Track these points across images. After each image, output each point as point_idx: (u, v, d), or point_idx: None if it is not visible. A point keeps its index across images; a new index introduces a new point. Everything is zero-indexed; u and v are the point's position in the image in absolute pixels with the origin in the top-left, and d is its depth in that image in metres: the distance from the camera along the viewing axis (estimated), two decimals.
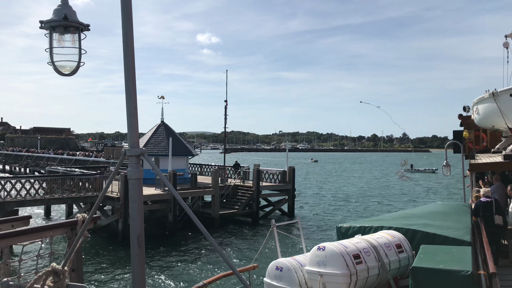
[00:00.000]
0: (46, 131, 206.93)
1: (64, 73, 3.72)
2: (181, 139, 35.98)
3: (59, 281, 3.25)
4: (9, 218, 4.94)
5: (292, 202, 35.62)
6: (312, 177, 76.77)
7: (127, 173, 3.08)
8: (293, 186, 35.62)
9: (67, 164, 55.34)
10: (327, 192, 52.66)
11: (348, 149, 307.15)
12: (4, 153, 78.94)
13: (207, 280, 7.25)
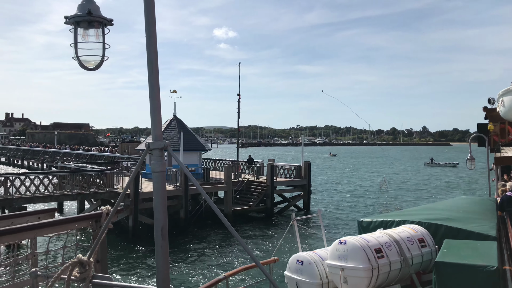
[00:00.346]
0: (66, 126, 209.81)
1: (88, 68, 3.78)
2: (193, 134, 35.26)
3: (85, 271, 3.30)
4: (35, 210, 5.10)
5: (308, 198, 34.62)
6: (329, 171, 75.47)
7: (151, 166, 3.07)
8: (308, 181, 34.59)
9: (82, 160, 55.39)
10: (344, 187, 51.47)
11: (367, 143, 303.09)
12: (22, 148, 79.74)
13: (228, 272, 7.26)
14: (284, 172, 35.61)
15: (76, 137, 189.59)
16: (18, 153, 77.85)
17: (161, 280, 2.99)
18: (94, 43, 3.74)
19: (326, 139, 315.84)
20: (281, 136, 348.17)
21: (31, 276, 3.54)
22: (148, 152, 3.12)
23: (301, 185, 34.54)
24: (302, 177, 34.50)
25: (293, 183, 34.73)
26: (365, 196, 44.34)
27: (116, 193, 27.05)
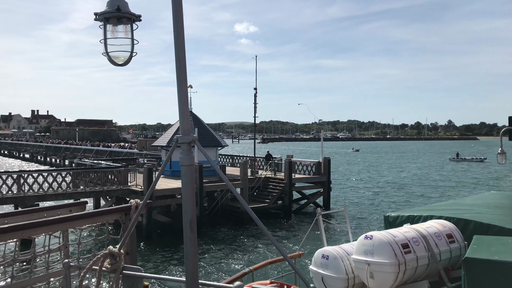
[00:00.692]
0: (89, 123, 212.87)
1: (117, 63, 3.83)
2: (209, 130, 34.47)
3: (116, 263, 3.34)
4: (67, 203, 5.22)
5: (328, 195, 33.49)
6: (352, 167, 73.86)
7: (179, 160, 3.10)
8: (328, 178, 33.46)
9: (102, 156, 55.42)
10: (366, 184, 50.00)
11: (390, 137, 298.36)
12: (44, 145, 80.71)
13: (253, 266, 7.27)
14: (303, 168, 34.58)
15: (99, 134, 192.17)
16: (40, 149, 78.78)
17: (190, 272, 3.01)
18: (123, 39, 3.79)
19: (349, 134, 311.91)
20: (303, 131, 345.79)
21: (64, 266, 3.61)
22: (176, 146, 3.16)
23: (321, 181, 33.44)
24: (322, 173, 33.40)
25: (312, 180, 33.66)
26: (388, 192, 42.99)
27: (130, 190, 26.54)
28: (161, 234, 25.33)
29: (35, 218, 4.57)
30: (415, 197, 40.17)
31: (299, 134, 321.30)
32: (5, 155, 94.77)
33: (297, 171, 34.30)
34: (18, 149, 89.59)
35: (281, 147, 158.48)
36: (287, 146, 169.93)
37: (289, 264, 3.21)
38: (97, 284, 3.42)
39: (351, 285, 7.68)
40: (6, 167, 67.43)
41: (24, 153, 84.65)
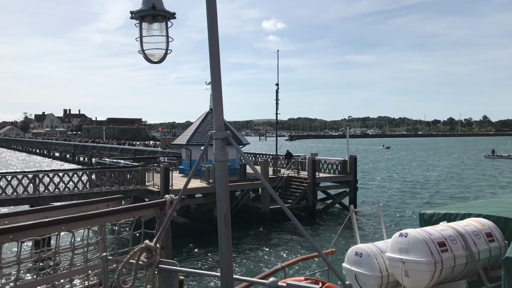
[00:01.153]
0: (120, 121, 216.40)
1: (153, 61, 3.89)
2: (230, 127, 33.42)
3: (152, 257, 3.38)
4: (104, 198, 5.35)
5: (354, 195, 31.95)
6: (382, 165, 71.53)
7: (213, 157, 3.10)
8: (355, 177, 31.91)
9: (127, 154, 55.38)
10: (397, 181, 47.93)
11: (422, 134, 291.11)
12: (73, 143, 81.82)
13: (286, 262, 7.12)
14: (328, 167, 33.13)
15: (129, 132, 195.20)
16: (69, 148, 79.89)
17: (224, 266, 3.00)
18: (158, 36, 3.84)
19: (379, 131, 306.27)
20: (332, 128, 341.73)
21: (101, 260, 3.71)
22: (210, 143, 3.17)
23: (347, 181, 31.94)
24: (348, 172, 31.89)
25: (337, 179, 32.21)
26: (420, 191, 41.04)
27: (147, 190, 25.81)
28: (177, 236, 24.48)
29: (74, 212, 4.71)
30: (448, 195, 38.37)
31: (328, 131, 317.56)
32: (36, 153, 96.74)
33: (321, 170, 32.92)
34: (48, 147, 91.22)
35: (308, 144, 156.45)
36: (314, 143, 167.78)
37: (324, 260, 3.15)
38: (133, 277, 3.46)
39: (385, 283, 7.55)
40: (32, 165, 68.55)
41: (54, 152, 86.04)
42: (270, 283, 2.81)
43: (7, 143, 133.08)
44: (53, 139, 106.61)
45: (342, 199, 32.36)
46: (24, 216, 4.61)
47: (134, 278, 3.49)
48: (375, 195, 38.07)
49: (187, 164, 32.31)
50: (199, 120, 33.65)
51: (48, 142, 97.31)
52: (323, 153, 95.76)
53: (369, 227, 25.40)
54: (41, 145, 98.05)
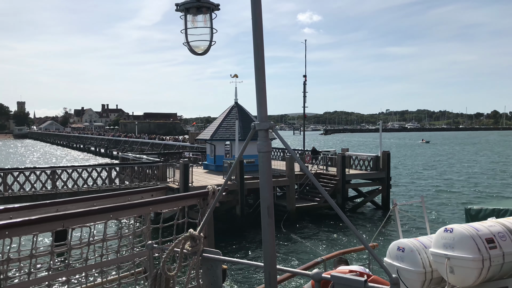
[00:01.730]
0: (155, 116, 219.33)
1: (197, 53, 3.96)
2: (255, 120, 32.07)
3: (196, 245, 3.43)
4: (149, 188, 5.72)
5: (387, 193, 30.02)
6: (420, 160, 68.41)
7: (257, 147, 3.09)
8: (388, 174, 29.96)
9: (157, 149, 55.13)
10: (436, 177, 45.29)
11: (463, 127, 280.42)
12: (106, 138, 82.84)
13: (326, 256, 7.03)
14: (359, 163, 31.30)
15: (164, 127, 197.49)
16: (103, 142, 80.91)
17: (268, 256, 2.98)
18: (202, 28, 3.90)
19: (418, 124, 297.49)
20: (369, 122, 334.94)
21: (147, 248, 3.76)
22: (253, 133, 3.13)
23: (379, 178, 30.06)
24: (380, 169, 29.97)
25: (369, 176, 30.37)
26: (461, 187, 38.54)
27: (167, 187, 24.89)
28: None
29: (120, 201, 4.82)
30: (493, 192, 35.87)
31: (365, 124, 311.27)
32: (73, 147, 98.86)
33: (352, 166, 31.16)
34: (83, 142, 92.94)
35: (342, 138, 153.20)
36: (349, 137, 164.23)
37: (371, 253, 3.08)
38: (178, 265, 3.48)
39: (429, 279, 7.33)
40: (65, 160, 69.69)
41: (89, 146, 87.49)
42: (313, 274, 2.80)
43: (46, 137, 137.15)
44: (89, 134, 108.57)
45: (374, 197, 30.51)
46: (74, 204, 4.78)
47: (179, 266, 3.50)
48: (410, 193, 35.89)
49: (211, 159, 31.27)
50: (223, 114, 32.52)
51: (84, 136, 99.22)
52: (357, 148, 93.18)
53: (410, 222, 24.05)
54: (77, 140, 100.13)
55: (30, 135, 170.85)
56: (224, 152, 30.81)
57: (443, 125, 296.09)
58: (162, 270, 3.44)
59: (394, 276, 2.68)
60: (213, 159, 30.90)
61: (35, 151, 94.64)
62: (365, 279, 2.75)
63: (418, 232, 20.35)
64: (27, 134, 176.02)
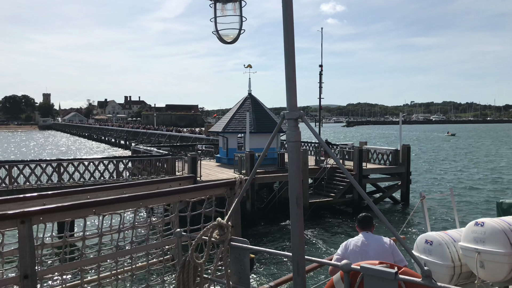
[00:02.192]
0: (177, 108, 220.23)
1: (227, 41, 3.91)
2: (269, 114, 30.92)
3: (224, 234, 3.45)
4: (176, 177, 6.37)
5: (407, 188, 28.64)
6: (444, 154, 66.16)
7: (286, 137, 3.02)
8: (408, 168, 28.55)
9: (173, 141, 54.70)
10: (461, 173, 43.41)
11: (491, 120, 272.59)
12: (125, 130, 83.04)
13: None
14: (378, 157, 29.93)
15: (186, 118, 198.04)
16: (122, 134, 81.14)
17: (296, 246, 2.97)
18: (232, 16, 3.88)
19: (443, 117, 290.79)
20: (393, 114, 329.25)
21: (175, 235, 3.93)
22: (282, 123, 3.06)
23: (398, 173, 28.66)
24: (400, 163, 28.58)
25: (387, 171, 28.99)
26: (487, 183, 36.71)
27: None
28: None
29: (149, 189, 4.88)
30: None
31: (388, 117, 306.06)
32: (94, 139, 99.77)
33: (370, 160, 29.85)
34: (104, 133, 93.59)
35: (365, 131, 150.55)
36: (372, 129, 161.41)
37: (402, 245, 2.98)
38: (206, 253, 3.47)
39: (457, 274, 7.24)
40: (83, 152, 70.02)
41: (110, 138, 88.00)
42: (343, 265, 2.80)
43: (69, 129, 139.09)
44: (109, 125, 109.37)
45: (392, 192, 29.15)
46: (104, 192, 4.82)
47: (207, 254, 3.50)
48: (433, 188, 34.30)
49: (224, 152, 30.39)
50: (236, 106, 31.54)
51: (104, 128, 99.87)
52: (379, 141, 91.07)
53: (437, 215, 23.14)
54: (97, 131, 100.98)
55: (54, 126, 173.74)
56: (236, 145, 29.88)
57: (470, 118, 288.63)
58: (190, 258, 3.46)
59: (426, 269, 2.58)
60: (226, 152, 30.02)
61: (52, 143, 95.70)
62: (395, 270, 2.66)
63: (446, 225, 19.67)
64: (52, 125, 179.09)
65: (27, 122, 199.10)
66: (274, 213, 25.37)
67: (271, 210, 25.54)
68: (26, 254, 3.32)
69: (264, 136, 29.33)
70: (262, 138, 29.23)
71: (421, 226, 19.54)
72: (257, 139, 29.07)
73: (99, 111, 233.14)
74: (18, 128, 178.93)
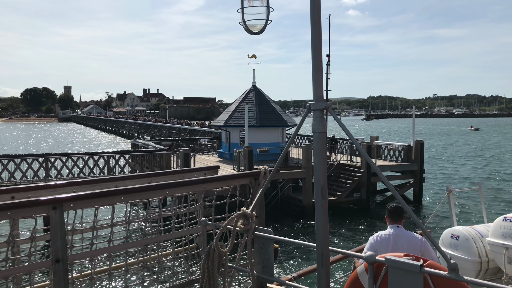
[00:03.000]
0: (195, 101, 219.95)
1: (253, 32, 3.98)
2: (274, 107, 29.14)
3: (248, 223, 3.49)
4: (202, 167, 5.75)
5: (419, 187, 26.70)
6: (466, 150, 63.34)
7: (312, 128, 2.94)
8: (421, 166, 26.60)
9: (183, 134, 53.61)
10: (482, 171, 40.99)
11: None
12: (138, 122, 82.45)
13: None
14: (389, 153, 28.01)
15: (203, 111, 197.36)
16: (135, 126, 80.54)
17: (320, 237, 2.95)
18: (259, 7, 3.91)
19: (467, 110, 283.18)
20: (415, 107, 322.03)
21: (200, 224, 3.97)
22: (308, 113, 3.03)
23: (411, 170, 26.74)
24: (412, 160, 26.64)
25: (399, 168, 27.07)
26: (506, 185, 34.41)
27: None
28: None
29: (175, 179, 5.02)
30: None
31: (409, 110, 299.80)
32: (109, 131, 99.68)
33: (382, 156, 27.99)
34: (118, 126, 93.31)
35: (383, 124, 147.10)
36: (391, 123, 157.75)
37: (428, 238, 2.93)
38: (231, 242, 3.50)
39: (484, 269, 7.01)
40: (93, 144, 69.56)
41: (123, 130, 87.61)
42: (367, 256, 2.77)
43: (87, 121, 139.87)
44: (124, 118, 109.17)
45: (404, 191, 27.20)
46: (132, 181, 4.96)
47: (231, 243, 3.51)
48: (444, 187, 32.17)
49: (226, 147, 28.91)
50: (240, 98, 29.97)
51: (118, 120, 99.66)
52: (397, 135, 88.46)
53: (462, 209, 21.82)
54: (112, 124, 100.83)
55: (73, 118, 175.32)
56: (239, 140, 28.39)
57: (495, 111, 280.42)
58: (215, 246, 3.46)
59: (452, 262, 2.49)
60: (228, 147, 28.54)
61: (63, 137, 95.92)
62: (421, 263, 2.58)
63: (471, 220, 18.84)
64: (71, 117, 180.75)
65: (47, 114, 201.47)
66: (276, 211, 23.84)
67: (272, 209, 23.96)
68: (58, 239, 3.39)
69: (268, 131, 27.75)
70: (266, 132, 27.67)
71: (446, 221, 18.58)
72: (260, 134, 27.54)
73: (118, 104, 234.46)
74: (38, 120, 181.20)
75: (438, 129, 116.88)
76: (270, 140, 27.99)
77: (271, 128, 28.09)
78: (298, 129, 3.31)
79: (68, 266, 3.53)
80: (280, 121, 28.45)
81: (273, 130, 28.28)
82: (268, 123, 27.79)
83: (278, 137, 28.72)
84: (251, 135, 27.65)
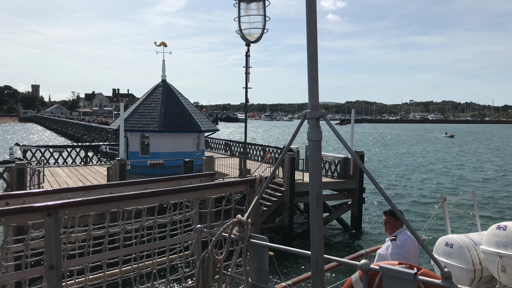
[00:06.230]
0: None
1: (250, 40, 4.17)
2: (185, 108, 23.69)
3: (244, 231, 3.44)
4: (197, 174, 5.75)
5: (358, 209, 21.72)
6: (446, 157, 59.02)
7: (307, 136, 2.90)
8: (360, 183, 21.60)
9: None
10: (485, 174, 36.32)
11: (489, 120, 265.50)
12: (82, 124, 76.29)
13: (370, 248, 7.04)
14: (324, 167, 22.83)
15: None
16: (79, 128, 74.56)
17: (315, 245, 2.92)
18: (255, 16, 4.05)
19: (441, 116, 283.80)
20: (391, 112, 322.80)
21: (196, 231, 3.89)
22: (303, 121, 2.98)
23: (347, 189, 21.64)
24: (350, 176, 21.61)
25: (335, 186, 21.97)
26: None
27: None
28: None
29: (171, 186, 4.99)
30: None
31: (385, 115, 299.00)
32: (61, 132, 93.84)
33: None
34: (67, 127, 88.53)
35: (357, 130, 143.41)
36: (365, 128, 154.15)
37: (422, 246, 2.86)
38: (226, 249, 3.44)
39: (478, 277, 7.05)
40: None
41: (70, 131, 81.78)
42: (362, 264, 2.77)
43: (47, 122, 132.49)
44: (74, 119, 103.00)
45: (340, 214, 22.19)
46: (127, 187, 4.93)
47: (226, 250, 3.44)
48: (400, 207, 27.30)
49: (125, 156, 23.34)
50: (144, 96, 24.52)
51: (67, 121, 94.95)
52: (370, 142, 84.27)
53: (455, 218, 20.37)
54: (63, 125, 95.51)
55: (35, 119, 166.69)
56: (139, 148, 22.97)
57: (468, 117, 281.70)
58: (210, 254, 3.41)
59: (446, 270, 2.51)
60: (127, 156, 22.98)
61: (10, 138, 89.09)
62: (415, 271, 2.58)
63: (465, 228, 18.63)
64: (32, 117, 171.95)
65: (8, 113, 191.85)
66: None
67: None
68: (52, 246, 3.37)
69: (174, 137, 22.54)
70: (171, 139, 22.41)
71: (440, 229, 18.32)
72: (164, 141, 22.24)
73: (86, 104, 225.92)
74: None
75: (412, 134, 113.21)
76: (181, 149, 22.63)
77: (181, 133, 22.71)
78: (293, 138, 3.12)
79: (62, 273, 3.52)
80: (192, 126, 23.06)
81: (183, 136, 22.90)
82: (173, 127, 22.43)
83: (192, 146, 23.34)
84: (154, 142, 22.20)
